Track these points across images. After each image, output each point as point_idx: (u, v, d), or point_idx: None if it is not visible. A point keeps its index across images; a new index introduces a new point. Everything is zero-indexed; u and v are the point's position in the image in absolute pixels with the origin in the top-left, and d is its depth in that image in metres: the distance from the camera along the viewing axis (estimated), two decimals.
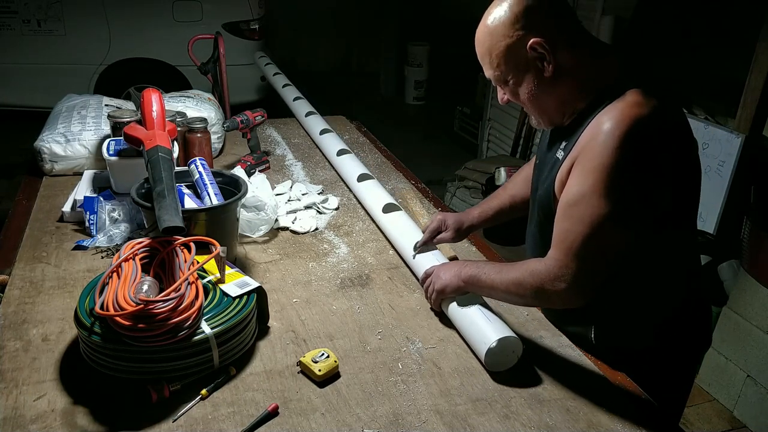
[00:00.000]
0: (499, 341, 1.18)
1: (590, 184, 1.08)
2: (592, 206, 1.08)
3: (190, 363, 1.10)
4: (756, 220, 2.38)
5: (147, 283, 1.11)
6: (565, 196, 1.14)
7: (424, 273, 1.42)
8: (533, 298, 1.20)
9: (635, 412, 1.13)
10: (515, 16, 1.11)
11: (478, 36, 1.18)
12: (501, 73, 1.18)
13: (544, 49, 1.11)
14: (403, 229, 1.62)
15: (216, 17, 4.72)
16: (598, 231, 1.08)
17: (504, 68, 1.16)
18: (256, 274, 1.51)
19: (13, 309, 1.32)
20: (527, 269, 1.18)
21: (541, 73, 1.14)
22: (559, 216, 1.15)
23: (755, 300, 2.41)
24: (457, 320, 1.30)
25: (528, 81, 1.16)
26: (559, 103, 1.18)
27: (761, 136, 2.63)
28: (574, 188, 1.11)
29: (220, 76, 2.55)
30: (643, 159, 1.06)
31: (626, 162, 1.05)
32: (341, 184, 2.08)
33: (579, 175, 1.11)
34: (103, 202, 1.64)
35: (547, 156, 1.28)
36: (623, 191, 1.07)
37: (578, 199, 1.10)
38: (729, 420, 2.51)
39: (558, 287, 1.13)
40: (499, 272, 1.23)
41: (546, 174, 1.25)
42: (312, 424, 1.05)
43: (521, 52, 1.13)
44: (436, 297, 1.33)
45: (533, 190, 1.35)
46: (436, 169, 4.82)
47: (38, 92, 4.62)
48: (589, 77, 1.15)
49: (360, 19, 7.33)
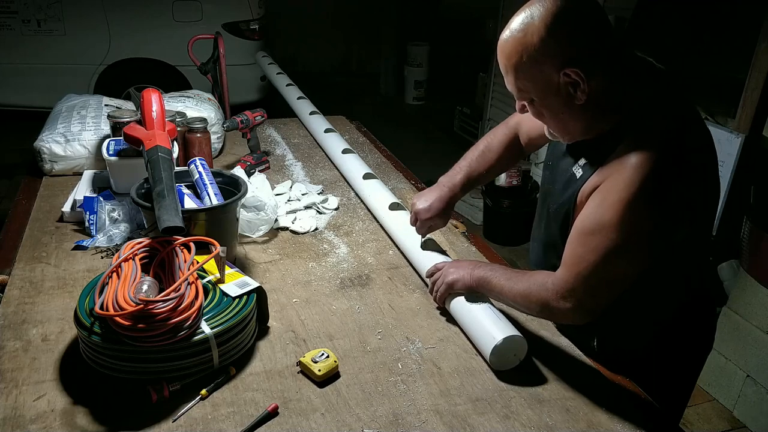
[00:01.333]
0: (505, 339, 1.18)
1: (609, 217, 1.05)
2: (609, 239, 1.06)
3: (190, 363, 1.10)
4: (756, 220, 2.38)
5: (147, 283, 1.11)
6: (581, 222, 1.12)
7: (432, 266, 1.41)
8: (538, 312, 1.21)
9: (635, 413, 1.13)
10: (550, 34, 1.02)
11: (505, 47, 1.08)
12: (526, 92, 1.11)
13: (579, 78, 1.04)
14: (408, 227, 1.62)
15: (216, 17, 4.72)
16: (611, 263, 1.08)
17: (530, 87, 1.10)
18: (256, 274, 1.51)
19: (12, 309, 1.32)
20: (536, 282, 1.19)
21: (571, 99, 1.07)
22: (573, 239, 1.14)
23: (755, 300, 2.41)
24: (463, 315, 1.30)
25: (555, 104, 1.10)
26: (584, 127, 1.13)
27: (761, 136, 2.63)
28: (592, 217, 1.09)
29: (220, 76, 2.55)
30: (666, 198, 1.04)
31: (649, 200, 1.03)
32: (341, 184, 2.08)
33: (599, 205, 1.08)
34: (102, 202, 1.64)
35: (562, 162, 1.25)
36: (642, 229, 1.05)
37: (595, 228, 1.08)
38: (729, 420, 2.51)
39: (563, 306, 1.14)
40: (509, 279, 1.23)
41: (562, 186, 1.22)
42: (312, 424, 1.05)
43: (553, 77, 1.05)
44: (444, 290, 1.33)
45: (545, 192, 1.34)
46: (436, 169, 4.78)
47: (38, 92, 4.62)
48: (619, 101, 1.10)
49: (360, 19, 7.33)
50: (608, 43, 1.07)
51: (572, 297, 1.13)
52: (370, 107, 6.48)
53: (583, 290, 1.11)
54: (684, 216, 1.09)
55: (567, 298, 1.13)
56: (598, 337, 1.29)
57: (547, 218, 1.31)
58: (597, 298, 1.13)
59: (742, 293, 2.48)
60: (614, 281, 1.11)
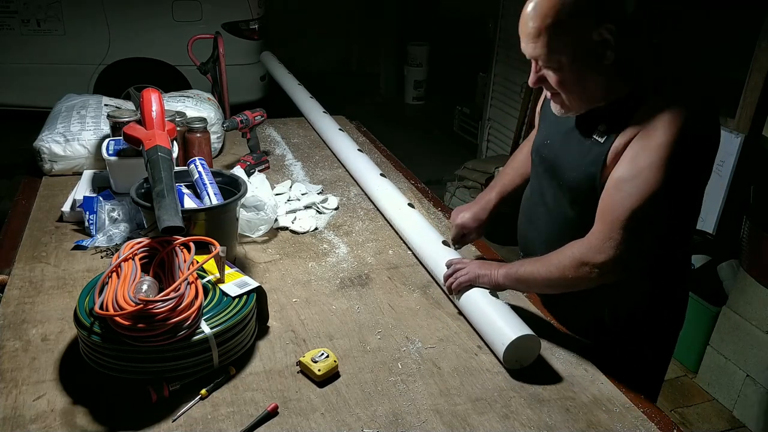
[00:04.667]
0: (529, 337, 1.19)
1: (650, 160, 1.09)
2: (648, 181, 1.10)
3: (190, 363, 1.10)
4: (756, 220, 2.38)
5: (146, 283, 1.11)
6: (617, 173, 1.14)
7: (457, 258, 1.43)
8: (573, 277, 1.19)
9: (635, 413, 1.13)
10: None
11: (540, 8, 1.10)
12: (555, 53, 1.12)
13: (612, 35, 1.07)
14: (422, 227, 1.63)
15: (216, 17, 4.71)
16: (649, 204, 1.11)
17: (561, 48, 1.11)
18: (256, 274, 1.51)
19: (12, 309, 1.32)
20: (568, 247, 1.21)
21: (600, 59, 1.10)
22: (609, 191, 1.16)
23: (755, 300, 2.41)
24: (484, 306, 1.29)
25: (583, 65, 1.12)
26: (604, 90, 1.16)
27: (761, 136, 2.63)
28: (631, 164, 1.12)
29: (220, 76, 2.55)
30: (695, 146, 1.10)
31: (685, 143, 1.08)
32: (341, 183, 2.08)
33: (637, 154, 1.12)
34: (102, 202, 1.64)
35: (571, 136, 1.26)
36: (678, 169, 1.10)
37: (634, 173, 1.11)
38: (728, 420, 2.52)
39: (599, 259, 1.15)
40: (536, 261, 1.25)
41: (578, 156, 1.24)
42: (312, 424, 1.05)
43: (586, 36, 1.08)
44: (467, 279, 1.33)
45: (546, 170, 1.34)
46: (435, 169, 4.82)
47: (38, 92, 4.62)
48: (641, 65, 1.15)
49: (360, 19, 7.33)
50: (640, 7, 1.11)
51: (609, 247, 1.14)
52: (370, 107, 6.48)
53: (620, 236, 1.13)
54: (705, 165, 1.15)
55: (604, 249, 1.14)
56: (609, 307, 1.31)
57: (555, 192, 1.32)
58: (632, 247, 1.14)
59: (742, 293, 2.48)
60: (650, 225, 1.13)
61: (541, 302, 1.45)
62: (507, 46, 4.46)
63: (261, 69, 4.66)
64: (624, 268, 1.16)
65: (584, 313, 1.35)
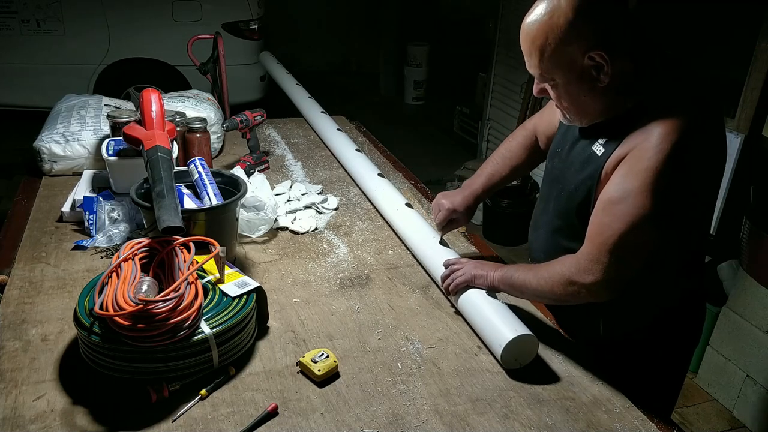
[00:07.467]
0: (526, 336, 1.19)
1: (638, 184, 1.07)
2: (636, 206, 1.08)
3: (190, 363, 1.10)
4: (756, 220, 2.38)
5: (146, 283, 1.11)
6: (607, 193, 1.13)
7: (454, 258, 1.43)
8: (562, 292, 1.20)
9: (635, 413, 1.13)
10: (577, 17, 1.05)
11: (530, 29, 1.10)
12: (548, 73, 1.13)
13: (603, 60, 1.07)
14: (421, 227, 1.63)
15: (215, 17, 4.72)
16: (637, 229, 1.09)
17: (554, 70, 1.11)
18: (256, 274, 1.51)
19: (12, 309, 1.32)
20: (559, 262, 1.20)
21: (594, 81, 1.10)
22: (598, 211, 1.15)
23: (755, 300, 2.41)
24: (481, 306, 1.29)
25: (578, 86, 1.12)
26: (604, 108, 1.16)
27: (761, 136, 2.63)
28: (619, 186, 1.11)
29: (220, 76, 2.55)
30: (690, 166, 1.08)
31: (676, 167, 1.06)
32: (341, 183, 2.08)
33: (625, 175, 1.10)
34: (102, 202, 1.64)
35: (576, 146, 1.26)
36: (667, 196, 1.08)
37: (622, 196, 1.10)
38: (728, 420, 2.52)
39: (588, 280, 1.14)
40: (531, 269, 1.25)
41: (579, 166, 1.23)
42: (311, 424, 1.05)
43: (577, 59, 1.08)
44: (464, 280, 1.33)
45: (554, 178, 1.34)
46: (435, 169, 4.82)
47: (38, 92, 4.62)
48: (639, 84, 1.13)
49: (360, 19, 7.32)
50: (631, 26, 1.10)
51: (597, 269, 1.13)
52: (369, 107, 6.48)
53: (608, 260, 1.12)
54: (702, 184, 1.13)
55: (592, 271, 1.13)
56: (604, 320, 1.30)
57: (558, 201, 1.32)
58: (621, 270, 1.13)
59: (742, 293, 2.48)
60: (639, 250, 1.12)
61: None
62: (507, 46, 4.46)
63: (261, 69, 4.66)
64: (614, 290, 1.15)
65: (580, 321, 1.34)
